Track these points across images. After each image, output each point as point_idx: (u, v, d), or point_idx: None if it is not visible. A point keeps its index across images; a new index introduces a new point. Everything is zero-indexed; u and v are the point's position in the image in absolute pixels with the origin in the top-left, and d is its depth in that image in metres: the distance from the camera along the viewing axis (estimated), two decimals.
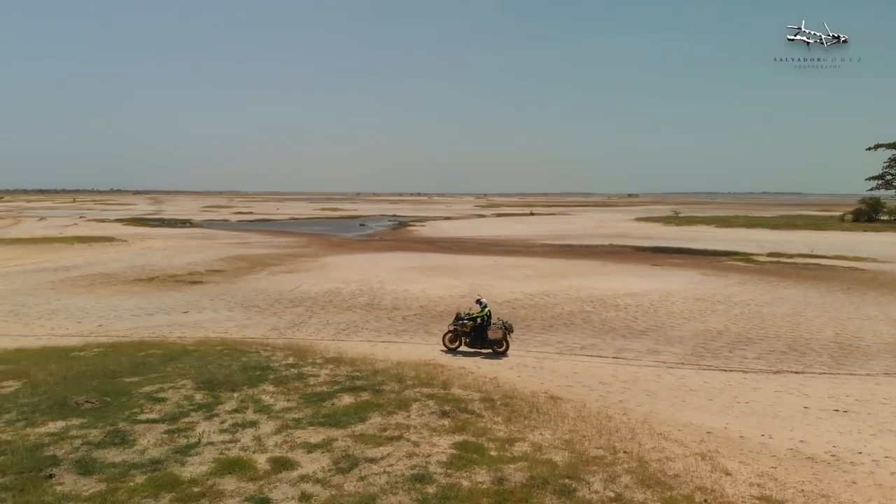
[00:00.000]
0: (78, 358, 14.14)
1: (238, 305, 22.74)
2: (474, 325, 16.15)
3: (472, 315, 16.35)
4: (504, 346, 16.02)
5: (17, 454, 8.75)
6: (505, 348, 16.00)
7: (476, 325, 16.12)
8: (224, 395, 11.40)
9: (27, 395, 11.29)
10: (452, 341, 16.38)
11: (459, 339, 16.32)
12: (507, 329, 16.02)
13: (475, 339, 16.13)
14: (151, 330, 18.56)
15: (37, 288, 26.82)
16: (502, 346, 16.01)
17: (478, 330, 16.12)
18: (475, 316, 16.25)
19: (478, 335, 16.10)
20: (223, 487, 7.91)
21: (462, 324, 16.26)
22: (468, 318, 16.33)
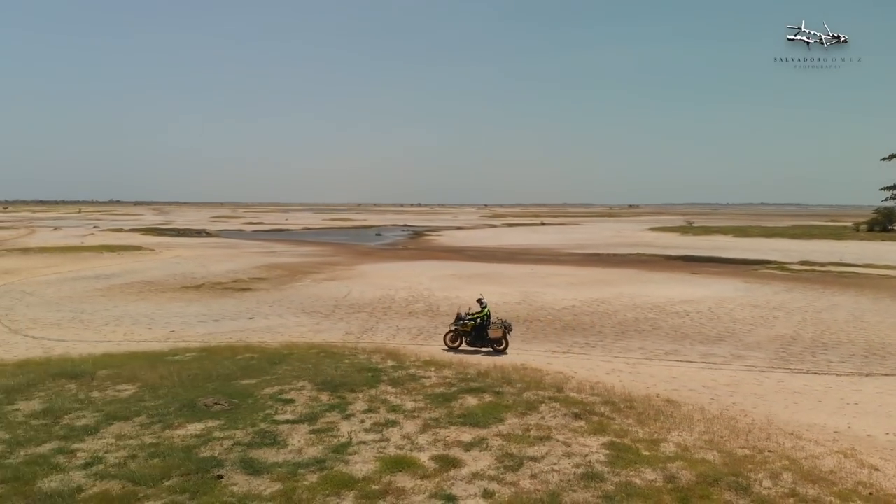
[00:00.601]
0: (176, 362, 14.10)
1: (300, 311, 22.73)
2: (475, 325, 16.60)
3: (472, 315, 16.77)
4: (504, 344, 16.47)
5: (172, 456, 8.70)
6: (504, 346, 16.43)
7: (476, 324, 16.58)
8: (349, 396, 11.38)
9: (150, 398, 11.26)
10: (454, 340, 16.84)
11: (460, 338, 16.79)
12: (507, 328, 16.52)
13: (476, 338, 16.59)
14: (227, 335, 18.54)
15: (88, 295, 26.78)
16: (502, 345, 16.46)
17: (478, 329, 16.59)
18: (476, 315, 16.70)
19: (478, 334, 16.58)
20: (401, 485, 7.89)
21: (463, 323, 16.70)
22: (469, 317, 16.74)
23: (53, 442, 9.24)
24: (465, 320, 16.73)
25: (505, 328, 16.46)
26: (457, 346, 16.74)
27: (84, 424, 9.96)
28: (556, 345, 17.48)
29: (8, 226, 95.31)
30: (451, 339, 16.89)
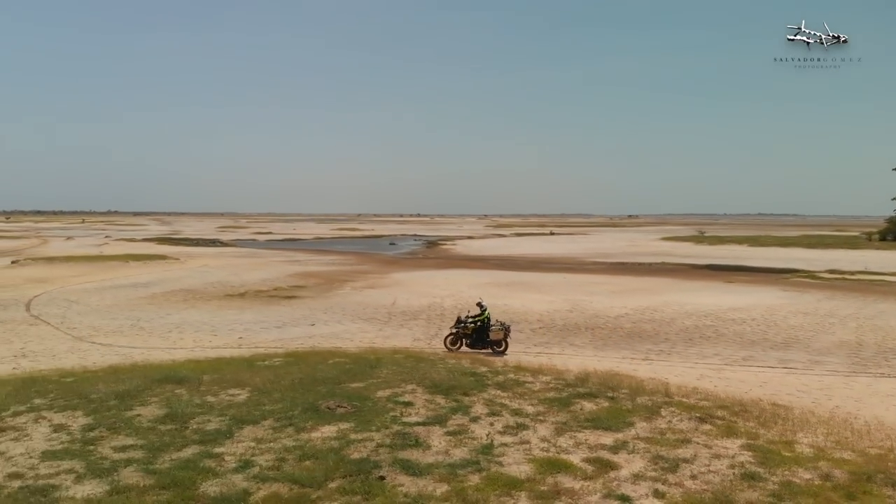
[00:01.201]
0: (269, 367, 14.07)
1: (356, 318, 22.73)
2: (476, 327, 17.02)
3: (473, 318, 17.18)
4: (503, 346, 16.92)
5: (323, 458, 8.69)
6: (504, 348, 16.88)
7: (477, 326, 17.01)
8: (465, 399, 11.39)
9: (268, 402, 11.24)
10: (454, 343, 17.24)
11: (461, 340, 17.20)
12: (507, 330, 16.96)
13: (477, 340, 17.01)
14: (297, 341, 18.55)
15: (134, 303, 26.73)
16: (501, 346, 16.91)
17: (479, 331, 17.03)
18: (477, 318, 17.11)
19: (479, 336, 17.01)
20: (569, 486, 7.90)
21: (464, 326, 17.13)
22: (471, 320, 17.14)
23: (193, 447, 9.20)
24: (467, 323, 17.17)
25: (505, 330, 16.93)
26: (457, 348, 17.11)
27: (215, 428, 9.93)
28: (630, 352, 17.50)
29: (17, 235, 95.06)
30: (451, 341, 17.28)
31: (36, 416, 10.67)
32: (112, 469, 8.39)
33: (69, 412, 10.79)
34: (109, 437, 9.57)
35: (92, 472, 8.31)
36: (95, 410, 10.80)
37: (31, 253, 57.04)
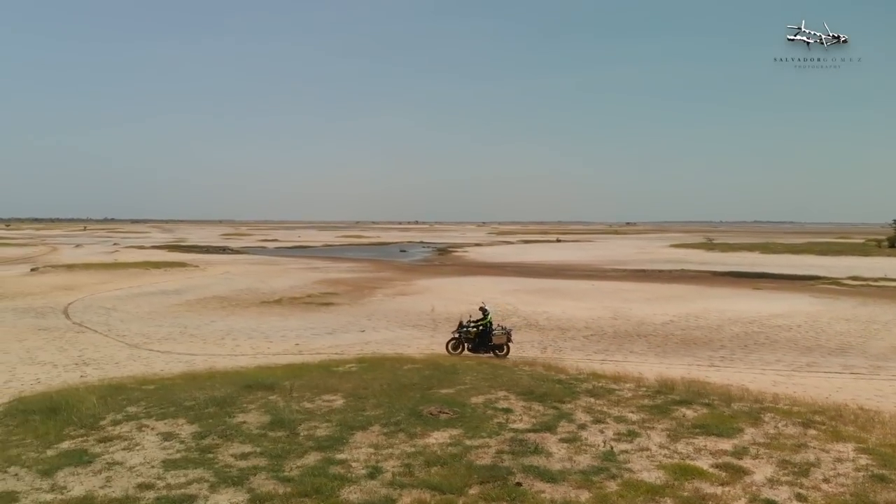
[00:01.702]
0: (347, 372, 14.02)
1: (402, 324, 22.73)
2: (478, 332, 17.08)
3: (476, 322, 17.27)
4: (506, 350, 17.07)
5: (450, 464, 8.64)
6: (506, 353, 17.02)
7: (480, 331, 17.08)
8: (563, 407, 11.36)
9: (368, 407, 11.20)
10: (455, 348, 17.26)
11: (462, 345, 17.24)
12: (508, 335, 17.16)
13: (479, 345, 17.07)
14: (355, 347, 18.59)
15: (172, 311, 26.65)
16: (503, 351, 17.05)
17: (482, 336, 17.08)
18: (480, 323, 17.19)
19: (482, 341, 17.07)
20: (710, 491, 7.85)
21: (467, 331, 17.16)
22: (473, 325, 17.22)
23: (313, 453, 9.15)
24: (469, 328, 17.23)
25: (507, 335, 17.12)
26: (459, 352, 17.15)
27: (327, 435, 9.88)
28: (693, 359, 17.53)
29: (23, 243, 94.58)
30: (452, 346, 17.32)
31: (137, 424, 10.60)
32: (242, 477, 8.34)
33: (170, 420, 10.73)
34: (225, 445, 9.52)
35: (223, 480, 8.25)
36: (198, 418, 10.74)
37: (45, 260, 56.79)
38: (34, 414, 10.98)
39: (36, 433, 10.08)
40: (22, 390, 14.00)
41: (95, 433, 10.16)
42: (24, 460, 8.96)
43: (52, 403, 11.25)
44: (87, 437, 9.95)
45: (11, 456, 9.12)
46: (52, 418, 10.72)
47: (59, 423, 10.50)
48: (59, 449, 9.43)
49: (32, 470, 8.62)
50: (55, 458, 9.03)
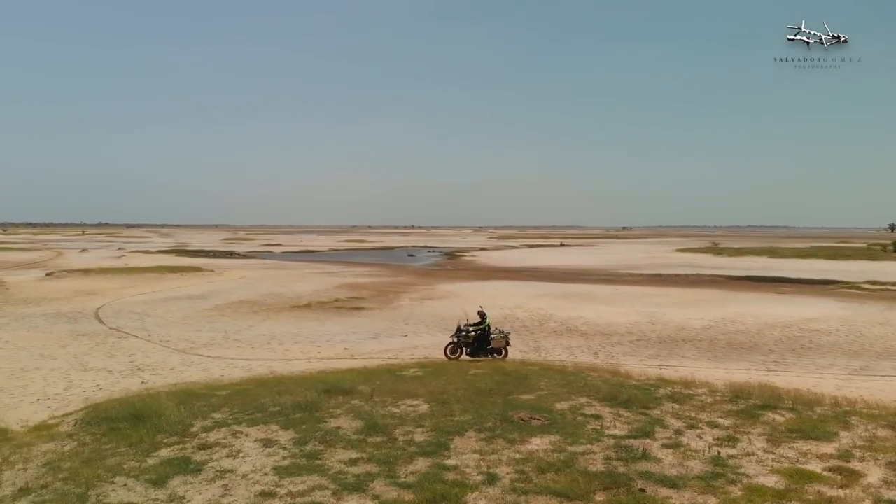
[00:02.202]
0: (414, 377, 13.97)
1: (442, 329, 22.63)
2: (477, 336, 17.19)
3: (474, 326, 17.35)
4: (504, 353, 17.24)
5: (567, 471, 8.62)
6: (504, 356, 17.19)
7: (478, 335, 17.20)
8: (652, 412, 11.35)
9: (455, 412, 11.15)
10: (453, 352, 17.24)
11: (460, 349, 17.24)
12: (507, 338, 17.36)
13: (478, 349, 17.15)
14: (405, 351, 18.58)
15: (206, 315, 26.50)
16: (501, 354, 17.21)
17: (480, 340, 17.20)
18: (478, 327, 17.31)
19: (481, 345, 17.18)
20: (832, 494, 7.86)
21: (466, 335, 17.24)
22: (472, 329, 17.31)
23: (421, 459, 9.10)
24: (468, 332, 17.30)
25: (506, 338, 17.28)
26: (457, 356, 17.14)
27: (426, 440, 9.83)
28: (747, 363, 17.54)
29: (26, 248, 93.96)
30: (451, 350, 17.29)
31: (230, 430, 10.51)
32: (361, 484, 8.27)
33: (262, 426, 10.64)
34: (329, 451, 9.45)
35: (343, 487, 8.17)
36: (290, 423, 10.66)
37: (55, 265, 56.40)
38: (119, 421, 10.87)
39: (128, 441, 9.97)
40: (87, 397, 13.87)
41: (190, 440, 10.08)
42: (128, 469, 8.86)
43: (135, 410, 11.13)
44: (184, 445, 9.87)
45: (112, 465, 9.01)
46: (141, 426, 10.62)
47: (149, 430, 10.41)
48: (159, 457, 9.34)
49: (141, 480, 8.52)
50: (159, 466, 8.94)
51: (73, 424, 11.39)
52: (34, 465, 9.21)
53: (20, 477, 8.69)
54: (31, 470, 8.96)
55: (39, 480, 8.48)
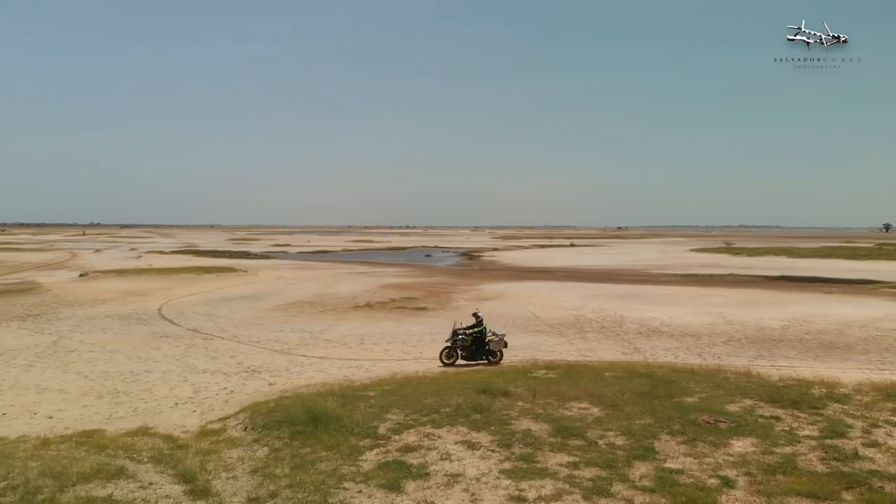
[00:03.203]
0: (552, 380, 13.85)
1: (525, 330, 22.61)
2: (474, 339, 16.88)
3: (471, 329, 16.99)
4: (499, 357, 17.03)
5: (793, 473, 8.63)
6: (499, 359, 16.96)
7: (475, 338, 16.90)
8: (825, 412, 11.33)
9: (634, 416, 11.07)
10: (449, 357, 16.90)
11: (456, 353, 16.91)
12: (504, 342, 17.17)
13: (475, 353, 16.89)
14: (511, 352, 18.33)
15: (272, 316, 26.29)
16: (496, 357, 16.99)
17: (477, 343, 16.92)
18: (475, 330, 16.97)
19: (478, 348, 16.91)
20: None
21: (462, 339, 16.87)
22: (469, 332, 16.94)
23: (637, 462, 9.04)
24: (466, 335, 16.91)
25: (503, 341, 17.11)
26: (452, 361, 16.78)
27: (626, 444, 9.76)
28: (854, 363, 17.45)
29: (37, 248, 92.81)
30: (446, 355, 16.93)
31: (418, 432, 10.39)
32: (602, 487, 8.18)
33: (450, 427, 10.54)
34: (539, 453, 9.35)
35: (590, 491, 8.08)
36: (478, 425, 10.56)
37: (79, 266, 55.78)
38: (298, 425, 10.69)
39: (325, 445, 9.82)
40: (226, 400, 13.67)
41: (388, 443, 9.94)
42: (349, 475, 8.71)
43: (310, 413, 10.98)
44: (387, 448, 9.74)
45: (327, 471, 8.85)
46: (325, 428, 10.47)
47: (338, 433, 10.27)
48: (370, 461, 9.20)
49: (372, 485, 8.38)
50: (379, 471, 8.80)
51: (242, 429, 11.20)
52: (240, 472, 9.02)
53: (235, 486, 8.49)
54: (241, 479, 8.77)
55: (262, 489, 8.29)
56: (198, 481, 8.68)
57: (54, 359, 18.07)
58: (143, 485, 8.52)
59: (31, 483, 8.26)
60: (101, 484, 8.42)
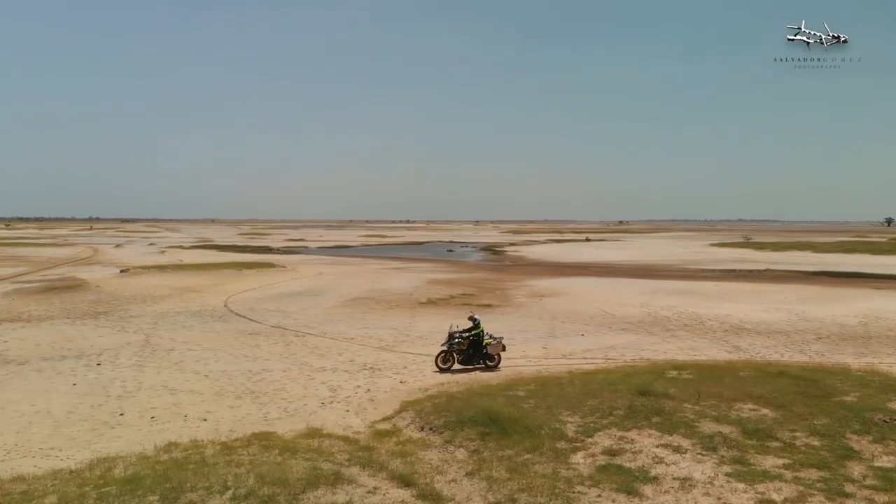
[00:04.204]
0: (689, 380, 13.83)
1: (610, 328, 22.60)
2: (470, 343, 16.31)
3: (468, 332, 16.40)
4: (497, 360, 16.45)
5: None
6: (497, 363, 16.42)
7: (471, 341, 16.33)
8: None
9: (807, 416, 11.08)
10: (445, 361, 16.31)
11: (452, 358, 16.34)
12: (502, 345, 16.51)
13: (472, 356, 16.32)
14: (616, 350, 18.42)
15: (343, 312, 26.26)
16: (494, 361, 16.42)
17: (474, 346, 16.33)
18: (472, 333, 16.37)
19: (475, 352, 16.33)
20: None
21: (459, 342, 16.30)
22: (466, 335, 16.37)
23: (851, 462, 9.04)
24: (462, 338, 16.34)
25: (501, 344, 16.49)
26: (449, 366, 16.23)
27: (824, 444, 9.77)
28: None
29: (51, 243, 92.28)
30: (442, 360, 16.31)
31: (607, 435, 10.37)
32: (836, 489, 8.19)
33: (637, 430, 10.52)
34: (749, 456, 9.35)
35: (826, 492, 8.09)
36: (666, 427, 10.55)
37: (107, 262, 55.56)
38: (481, 426, 10.66)
39: (524, 447, 9.84)
40: (371, 398, 13.62)
41: (583, 445, 9.93)
42: (572, 478, 8.67)
43: (490, 414, 10.97)
44: (589, 451, 9.73)
45: (548, 474, 8.81)
46: (512, 429, 10.45)
47: (528, 434, 10.26)
48: (584, 464, 9.20)
49: (606, 488, 8.34)
50: (600, 474, 8.79)
51: (418, 429, 11.17)
52: (456, 475, 8.94)
53: (462, 489, 8.41)
54: (463, 482, 8.69)
55: (494, 494, 8.22)
56: (419, 485, 8.63)
57: (159, 358, 17.98)
58: (370, 489, 8.45)
59: (259, 492, 8.14)
60: (330, 490, 8.34)
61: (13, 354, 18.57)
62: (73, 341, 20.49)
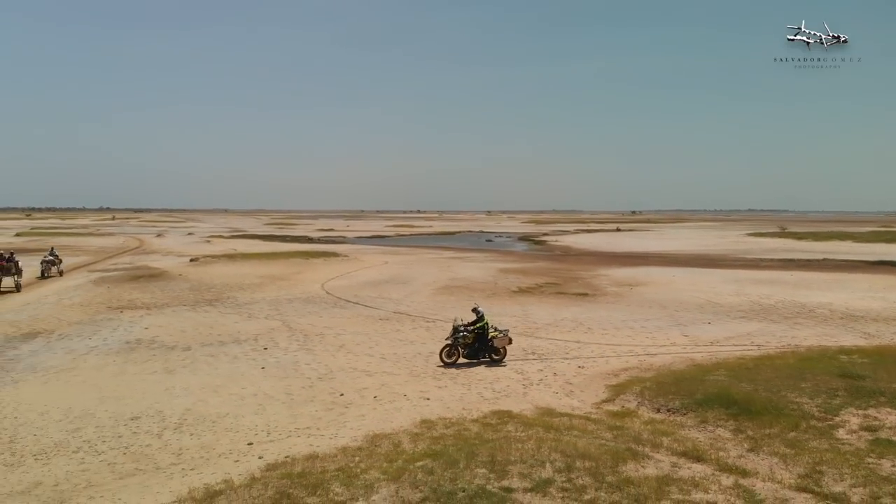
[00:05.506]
0: (862, 363, 14.31)
1: (724, 316, 22.93)
2: (476, 336, 16.05)
3: (472, 325, 16.18)
4: (503, 354, 16.17)
5: None
6: (503, 356, 16.15)
7: (477, 335, 16.04)
8: None
9: None
10: (450, 355, 16.05)
11: (457, 352, 16.09)
12: (509, 338, 16.27)
13: (478, 350, 16.06)
14: (762, 337, 18.97)
15: (443, 300, 26.76)
16: (500, 355, 16.13)
17: (479, 340, 16.05)
18: (477, 326, 16.13)
19: (480, 346, 16.07)
20: None
21: (464, 335, 16.03)
22: (470, 329, 16.11)
23: None
24: (467, 331, 16.07)
25: (508, 338, 16.27)
26: (454, 360, 15.98)
27: None
28: None
29: (88, 233, 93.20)
30: (446, 354, 16.06)
31: (853, 413, 10.90)
32: None
33: (877, 408, 11.00)
34: None
35: None
36: None
37: (158, 250, 56.40)
38: (724, 407, 11.19)
39: (785, 425, 10.32)
40: (570, 381, 14.17)
41: (835, 422, 10.44)
42: (851, 452, 9.18)
43: (727, 394, 11.51)
44: (847, 427, 10.22)
45: (829, 449, 9.30)
46: (762, 409, 10.96)
47: (780, 413, 10.80)
48: (853, 439, 9.69)
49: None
50: (879, 447, 9.29)
51: (654, 410, 11.77)
52: (739, 452, 9.47)
53: (764, 465, 8.86)
54: (750, 457, 9.20)
55: (792, 469, 8.65)
56: (711, 460, 9.14)
57: (317, 342, 18.58)
58: (671, 464, 8.94)
59: (575, 465, 8.60)
60: (639, 464, 8.83)
61: (170, 340, 19.14)
62: (213, 328, 21.11)
